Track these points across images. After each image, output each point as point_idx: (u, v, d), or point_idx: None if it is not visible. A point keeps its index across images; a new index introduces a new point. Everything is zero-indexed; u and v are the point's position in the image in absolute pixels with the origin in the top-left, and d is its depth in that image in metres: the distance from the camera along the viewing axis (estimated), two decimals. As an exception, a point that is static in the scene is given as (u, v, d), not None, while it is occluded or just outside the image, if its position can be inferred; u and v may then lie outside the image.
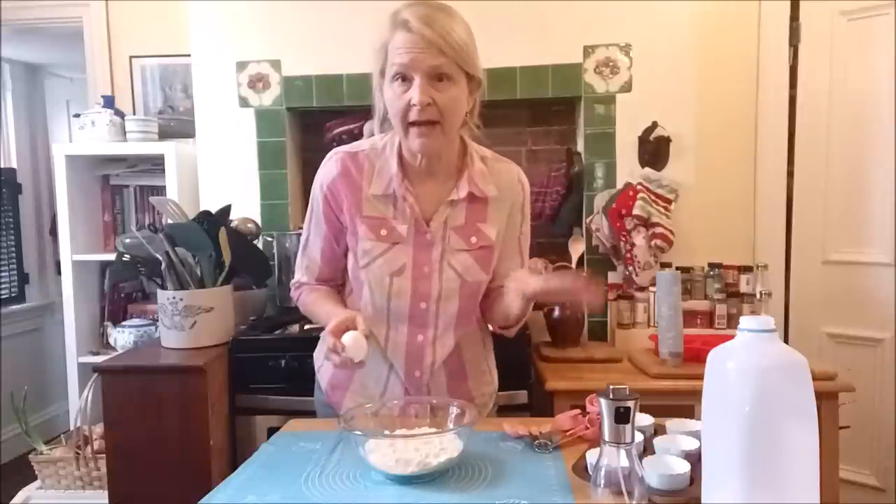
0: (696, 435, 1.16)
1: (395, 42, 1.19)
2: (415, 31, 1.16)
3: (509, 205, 1.37)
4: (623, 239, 2.29)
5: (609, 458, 0.88)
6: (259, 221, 2.47)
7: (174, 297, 2.08)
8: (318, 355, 1.50)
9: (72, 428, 2.31)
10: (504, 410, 1.63)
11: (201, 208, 2.37)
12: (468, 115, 1.29)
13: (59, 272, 2.90)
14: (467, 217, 1.33)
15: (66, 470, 2.23)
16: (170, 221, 2.21)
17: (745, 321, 0.83)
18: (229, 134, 2.51)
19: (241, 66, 2.48)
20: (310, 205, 1.39)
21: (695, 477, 1.03)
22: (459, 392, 1.39)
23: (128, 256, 2.20)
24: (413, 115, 1.20)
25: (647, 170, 2.36)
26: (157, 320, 2.25)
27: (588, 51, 2.38)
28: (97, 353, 2.62)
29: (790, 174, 2.50)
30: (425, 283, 1.32)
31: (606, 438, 0.88)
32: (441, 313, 1.34)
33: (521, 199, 1.39)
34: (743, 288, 2.32)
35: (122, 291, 2.78)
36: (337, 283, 1.43)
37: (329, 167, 1.34)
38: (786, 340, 2.57)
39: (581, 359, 2.13)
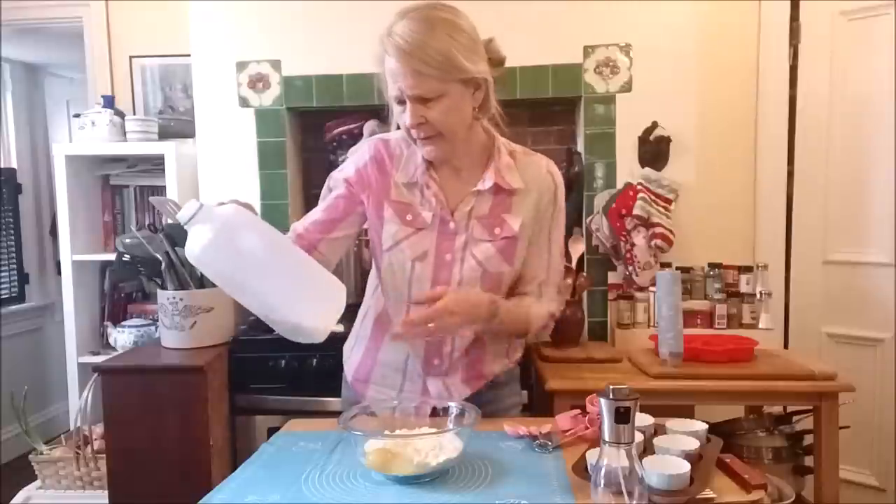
0: (696, 435, 1.16)
1: (386, 65, 1.23)
2: (395, 58, 1.20)
3: (536, 196, 1.36)
4: (623, 239, 2.29)
5: (609, 458, 0.88)
6: (259, 221, 2.46)
7: (174, 297, 2.08)
8: (348, 347, 1.52)
9: (72, 428, 2.31)
10: (503, 410, 1.62)
11: (201, 208, 2.37)
12: (477, 111, 1.30)
13: (59, 272, 2.90)
14: (492, 208, 1.35)
15: (66, 470, 2.23)
16: (170, 221, 2.21)
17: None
18: (229, 134, 2.51)
19: (241, 66, 2.48)
20: (329, 180, 1.42)
21: (695, 477, 1.03)
22: (474, 374, 1.41)
23: (128, 256, 2.20)
24: (413, 134, 1.27)
25: (647, 170, 2.36)
26: (157, 320, 2.25)
27: (588, 51, 2.38)
28: (97, 353, 2.62)
29: (790, 174, 2.50)
30: (446, 270, 1.34)
31: (606, 438, 0.88)
32: None
33: (553, 190, 1.38)
34: (743, 288, 2.32)
35: (122, 291, 2.77)
36: (313, 245, 1.36)
37: (362, 150, 1.39)
38: (786, 340, 2.57)
39: (581, 359, 2.13)
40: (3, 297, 3.68)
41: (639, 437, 1.11)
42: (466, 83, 1.25)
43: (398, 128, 1.33)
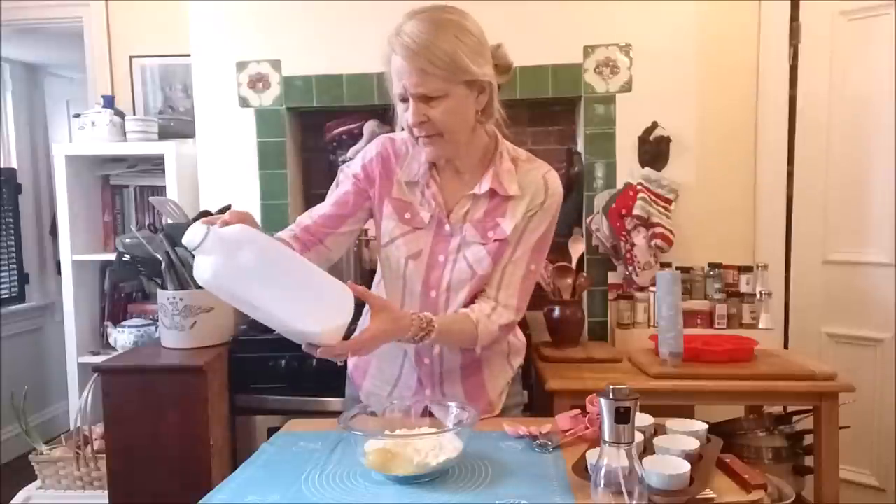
0: (696, 435, 1.16)
1: (392, 63, 1.24)
2: (402, 56, 1.21)
3: (528, 200, 1.35)
4: (623, 239, 2.29)
5: (609, 458, 0.88)
6: (259, 221, 2.46)
7: (174, 297, 2.08)
8: None
9: (72, 428, 2.31)
10: (504, 410, 1.62)
11: (201, 208, 2.37)
12: (480, 114, 1.31)
13: (59, 272, 2.90)
14: (487, 212, 1.35)
15: (66, 470, 2.23)
16: (170, 221, 2.21)
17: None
18: (229, 134, 2.51)
19: (241, 66, 2.48)
20: (338, 176, 1.43)
21: (695, 477, 1.03)
22: (474, 384, 1.42)
23: (128, 256, 2.20)
24: (415, 133, 1.28)
25: (647, 170, 2.36)
26: (157, 320, 2.25)
27: (588, 51, 2.38)
28: (97, 353, 2.62)
29: (790, 174, 2.50)
30: (437, 271, 1.35)
31: (606, 438, 0.88)
32: (450, 304, 1.36)
33: (543, 197, 1.36)
34: (743, 288, 2.32)
35: (122, 291, 2.77)
36: (319, 240, 1.38)
37: (370, 147, 1.41)
38: (786, 340, 2.57)
39: (581, 359, 2.13)
40: (3, 297, 3.68)
41: (639, 437, 1.11)
42: (470, 85, 1.25)
43: (403, 129, 1.34)
